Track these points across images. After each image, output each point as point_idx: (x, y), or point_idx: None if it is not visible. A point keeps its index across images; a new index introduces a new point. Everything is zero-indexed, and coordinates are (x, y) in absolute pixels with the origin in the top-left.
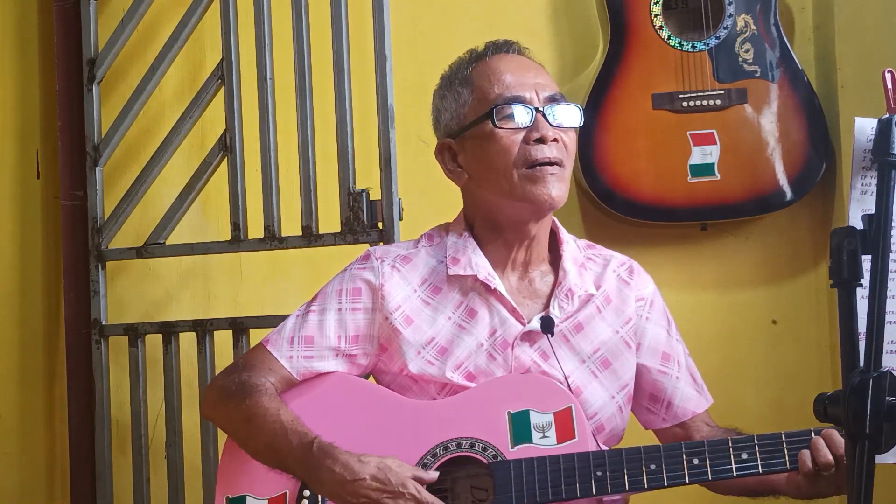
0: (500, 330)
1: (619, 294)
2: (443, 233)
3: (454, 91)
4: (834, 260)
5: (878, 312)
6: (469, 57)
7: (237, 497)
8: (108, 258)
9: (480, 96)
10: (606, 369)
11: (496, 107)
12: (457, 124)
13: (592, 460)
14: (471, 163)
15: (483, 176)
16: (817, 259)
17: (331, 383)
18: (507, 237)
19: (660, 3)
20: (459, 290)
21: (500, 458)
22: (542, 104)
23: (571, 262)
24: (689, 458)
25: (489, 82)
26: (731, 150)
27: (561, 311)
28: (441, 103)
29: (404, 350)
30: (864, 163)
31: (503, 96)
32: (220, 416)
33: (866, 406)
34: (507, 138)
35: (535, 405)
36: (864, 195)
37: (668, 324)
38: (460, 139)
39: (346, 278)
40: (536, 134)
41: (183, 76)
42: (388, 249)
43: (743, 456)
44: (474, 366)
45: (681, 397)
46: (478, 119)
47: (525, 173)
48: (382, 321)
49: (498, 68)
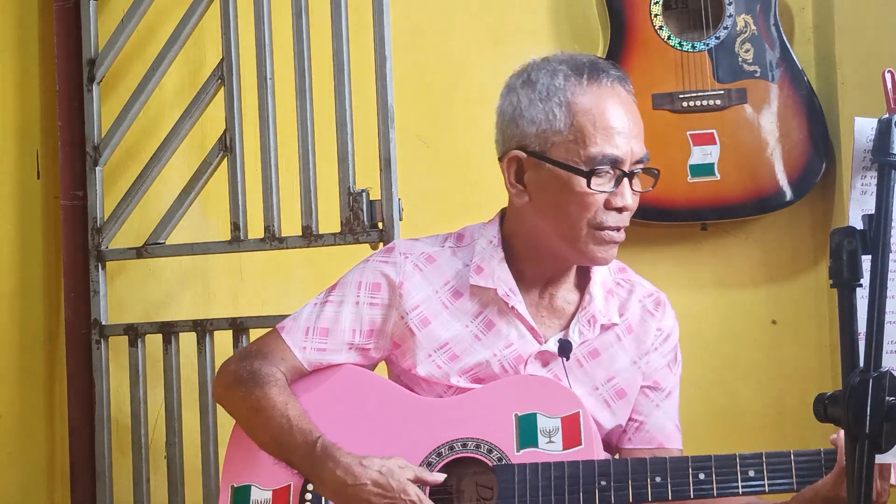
0: (515, 344)
1: (643, 325)
2: (474, 234)
3: (548, 107)
4: (834, 260)
5: (878, 312)
6: (577, 72)
7: (242, 486)
8: (108, 258)
9: (579, 137)
10: (621, 399)
11: (595, 170)
12: (539, 147)
13: (597, 469)
14: (539, 193)
15: (549, 212)
16: (817, 259)
17: (342, 375)
18: (542, 264)
19: (660, 3)
20: (480, 299)
21: (504, 461)
22: (631, 166)
23: (600, 287)
24: (696, 473)
25: (592, 126)
26: (731, 150)
27: (580, 336)
28: (528, 108)
29: (415, 350)
30: (864, 163)
31: (603, 154)
32: (230, 402)
33: (866, 406)
34: (590, 197)
35: (543, 408)
36: (864, 195)
37: (674, 361)
38: (536, 162)
39: (367, 271)
40: (620, 202)
41: (183, 76)
42: (413, 245)
43: (750, 473)
44: (483, 374)
45: (654, 424)
46: (569, 167)
47: (593, 233)
48: (398, 319)
49: (604, 111)
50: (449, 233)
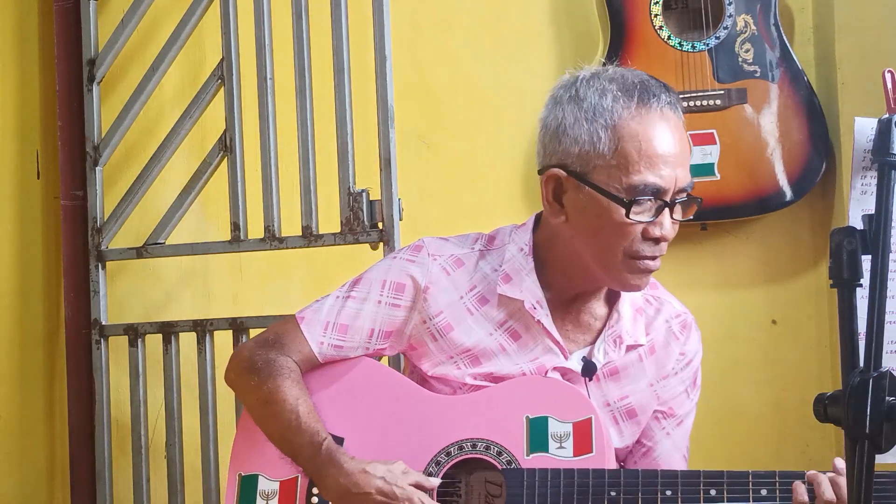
0: (540, 358)
1: (666, 347)
2: (505, 238)
3: (593, 128)
4: (834, 260)
5: (878, 312)
6: (620, 90)
7: (249, 475)
8: (108, 258)
9: (622, 162)
10: (630, 420)
11: (636, 200)
12: (580, 167)
13: (608, 479)
14: (577, 215)
15: (585, 236)
16: (817, 259)
17: (359, 369)
18: (573, 278)
19: (660, 3)
20: (507, 309)
21: (514, 464)
22: (673, 196)
23: (629, 305)
24: (707, 489)
25: (637, 154)
26: (731, 150)
27: (605, 357)
28: (572, 126)
29: (434, 354)
30: (864, 163)
31: (646, 183)
32: (242, 388)
33: (866, 406)
34: (629, 227)
35: (555, 412)
36: (864, 195)
37: (692, 386)
38: (576, 183)
39: (394, 269)
40: (657, 232)
41: (183, 76)
42: (442, 245)
43: (762, 492)
44: (502, 375)
45: (661, 453)
46: (609, 193)
47: (628, 262)
48: (419, 323)
49: (651, 138)
50: (479, 233)
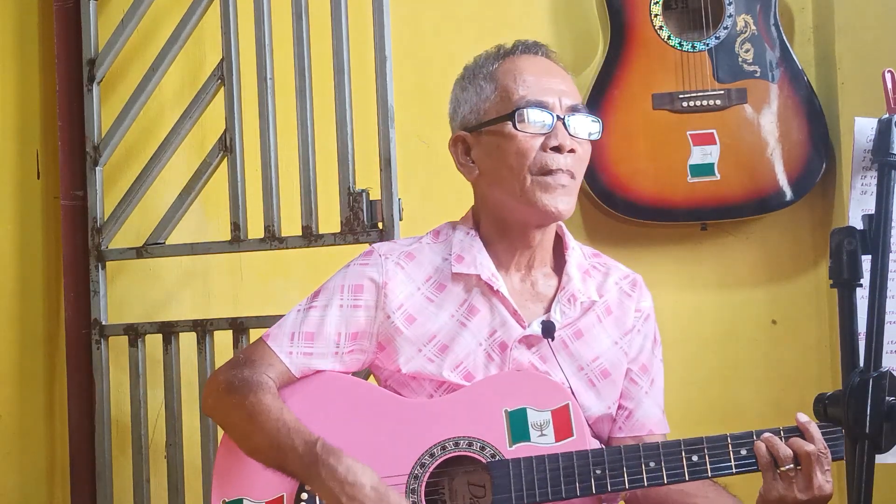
0: (499, 331)
1: (621, 306)
2: (450, 230)
3: (476, 84)
4: (834, 260)
5: (878, 312)
6: (496, 52)
7: (234, 500)
8: (108, 258)
9: (503, 95)
10: (605, 379)
11: (518, 109)
12: (475, 119)
13: (592, 459)
14: (484, 159)
15: (495, 174)
16: (817, 259)
17: (324, 381)
18: (512, 239)
19: (660, 3)
20: (463, 287)
21: (498, 457)
22: (563, 112)
23: (576, 268)
24: (689, 455)
25: (514, 82)
26: (731, 150)
27: (563, 317)
28: (461, 95)
29: (404, 349)
30: (864, 163)
31: (526, 99)
32: (223, 410)
33: (866, 406)
34: (524, 142)
35: (533, 403)
36: (864, 195)
37: (655, 342)
38: (476, 134)
39: (349, 274)
40: (554, 142)
41: (183, 76)
42: (392, 246)
43: (742, 452)
44: (472, 366)
45: (643, 412)
46: (498, 118)
47: (538, 180)
48: (384, 319)
49: (524, 69)
50: (425, 233)
